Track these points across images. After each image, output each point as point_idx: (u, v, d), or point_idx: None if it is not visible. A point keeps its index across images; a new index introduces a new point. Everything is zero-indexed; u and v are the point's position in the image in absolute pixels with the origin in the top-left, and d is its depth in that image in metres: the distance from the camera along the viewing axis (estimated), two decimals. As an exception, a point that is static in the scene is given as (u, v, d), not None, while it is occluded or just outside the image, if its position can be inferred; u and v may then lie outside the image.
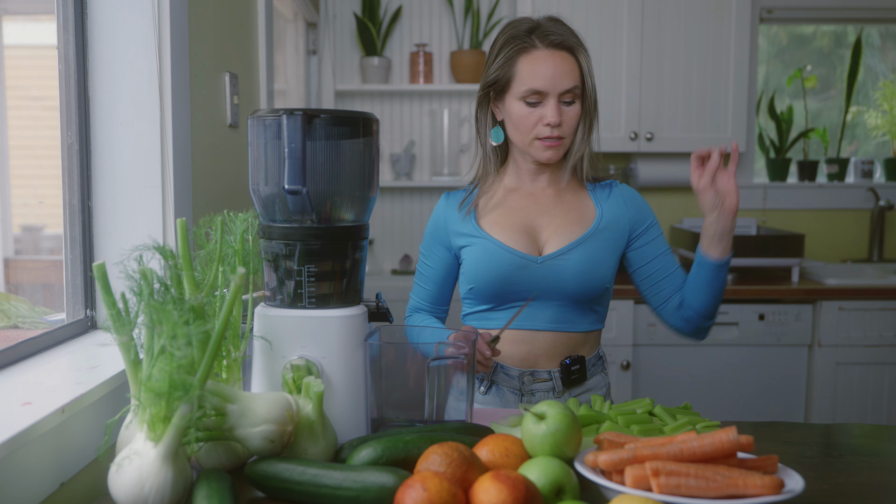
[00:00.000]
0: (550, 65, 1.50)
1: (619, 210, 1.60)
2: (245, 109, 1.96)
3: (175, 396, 0.92)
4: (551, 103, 1.51)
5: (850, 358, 2.99)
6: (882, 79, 3.69)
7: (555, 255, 1.54)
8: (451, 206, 1.64)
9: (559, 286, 1.54)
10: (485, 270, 1.55)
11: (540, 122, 1.52)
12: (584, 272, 1.54)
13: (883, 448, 1.29)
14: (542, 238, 1.58)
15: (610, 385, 1.69)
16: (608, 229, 1.58)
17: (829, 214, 3.61)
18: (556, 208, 1.60)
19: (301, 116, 1.12)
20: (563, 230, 1.57)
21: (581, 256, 1.54)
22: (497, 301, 1.58)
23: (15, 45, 1.88)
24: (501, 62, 1.54)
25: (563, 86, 1.50)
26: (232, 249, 1.18)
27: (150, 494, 0.91)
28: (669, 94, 3.22)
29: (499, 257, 1.55)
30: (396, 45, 3.58)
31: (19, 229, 1.96)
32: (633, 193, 1.64)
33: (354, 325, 1.18)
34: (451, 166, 3.53)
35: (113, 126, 1.43)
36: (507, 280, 1.54)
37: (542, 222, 1.59)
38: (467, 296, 1.62)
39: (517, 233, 1.57)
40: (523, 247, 1.56)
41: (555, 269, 1.54)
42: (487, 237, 1.57)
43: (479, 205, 1.62)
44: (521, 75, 1.52)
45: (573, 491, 0.96)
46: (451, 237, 1.62)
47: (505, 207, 1.61)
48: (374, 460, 1.02)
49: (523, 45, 1.52)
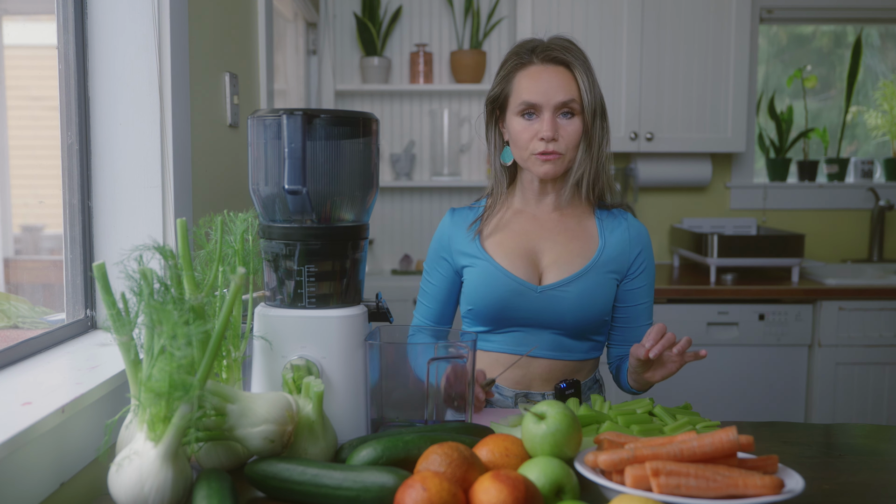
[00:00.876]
0: (544, 78, 1.51)
1: (623, 246, 1.58)
2: (245, 109, 1.96)
3: (175, 396, 0.92)
4: (546, 117, 1.50)
5: (850, 358, 2.99)
6: (882, 79, 3.69)
7: (553, 286, 1.53)
8: (456, 223, 1.63)
9: (557, 317, 1.53)
10: (484, 293, 1.55)
11: (536, 136, 1.51)
12: (582, 306, 1.53)
13: (883, 448, 1.29)
14: (543, 264, 1.57)
15: None
16: (609, 262, 1.56)
17: (829, 214, 3.61)
18: (559, 234, 1.58)
19: (301, 116, 1.12)
20: (564, 260, 1.55)
21: (580, 290, 1.53)
22: (495, 324, 1.57)
23: (15, 45, 1.88)
24: (500, 79, 1.57)
25: (556, 98, 1.50)
26: (232, 249, 1.18)
27: (150, 494, 0.91)
28: (669, 94, 3.22)
29: (498, 282, 1.54)
30: (396, 45, 3.58)
31: (19, 229, 1.96)
32: (641, 232, 1.60)
33: (354, 325, 1.18)
34: (451, 166, 3.53)
35: (113, 126, 1.43)
36: (505, 305, 1.54)
37: (544, 247, 1.57)
38: (467, 315, 1.62)
39: (518, 258, 1.56)
40: (523, 273, 1.54)
41: (553, 299, 1.53)
42: (489, 260, 1.56)
43: (485, 225, 1.61)
44: (517, 90, 1.53)
45: (573, 491, 0.96)
46: (455, 255, 1.61)
47: (509, 230, 1.60)
48: (374, 460, 1.02)
49: (521, 61, 1.54)
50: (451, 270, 1.62)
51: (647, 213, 3.60)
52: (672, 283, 3.06)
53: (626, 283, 1.59)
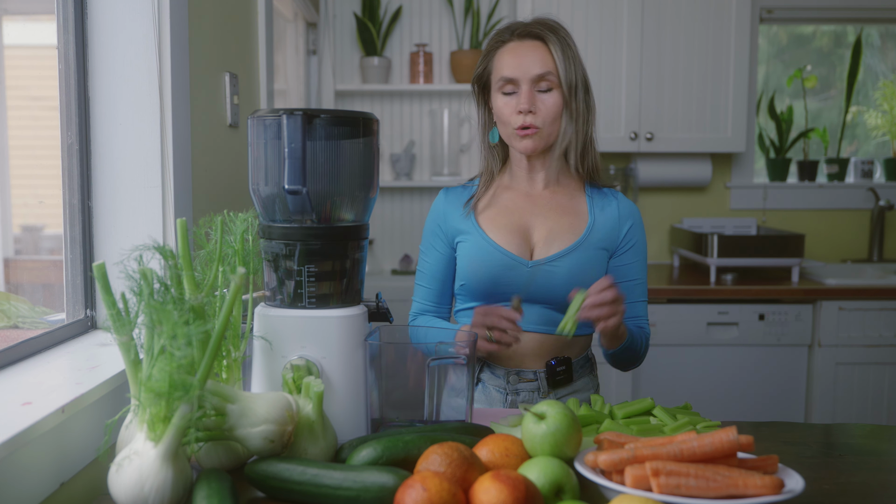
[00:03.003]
0: (520, 53, 1.55)
1: (613, 222, 1.60)
2: (245, 109, 1.96)
3: (175, 396, 0.92)
4: (523, 90, 1.54)
5: (850, 358, 2.99)
6: (882, 79, 3.69)
7: (544, 261, 1.56)
8: (450, 201, 1.66)
9: (548, 291, 1.56)
10: (476, 268, 1.57)
11: (515, 111, 1.55)
12: (572, 280, 1.54)
13: (883, 448, 1.29)
14: (534, 239, 1.60)
15: (599, 386, 1.70)
16: (599, 239, 1.59)
17: (829, 214, 3.61)
18: (550, 210, 1.61)
19: (301, 116, 1.12)
20: (555, 235, 1.58)
21: (570, 265, 1.55)
22: (487, 298, 1.59)
23: (15, 45, 1.88)
24: (482, 60, 1.62)
25: (532, 71, 1.53)
26: (232, 249, 1.18)
27: (150, 494, 0.91)
28: (669, 94, 3.22)
29: (490, 256, 1.57)
30: (396, 45, 3.58)
31: (19, 229, 1.96)
32: (631, 209, 1.63)
33: (354, 325, 1.18)
34: (451, 166, 3.53)
35: (113, 126, 1.42)
36: (497, 279, 1.56)
37: (536, 223, 1.61)
38: (459, 291, 1.64)
39: (510, 233, 1.59)
40: (515, 248, 1.57)
41: (544, 274, 1.55)
42: (482, 234, 1.59)
43: (479, 202, 1.64)
44: (497, 67, 1.58)
45: (573, 491, 0.96)
46: (450, 232, 1.64)
47: (501, 206, 1.63)
48: (374, 460, 1.02)
49: (500, 39, 1.59)
50: (447, 247, 1.64)
51: (647, 213, 3.60)
52: (672, 283, 3.06)
53: (616, 259, 1.61)
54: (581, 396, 1.62)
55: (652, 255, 3.63)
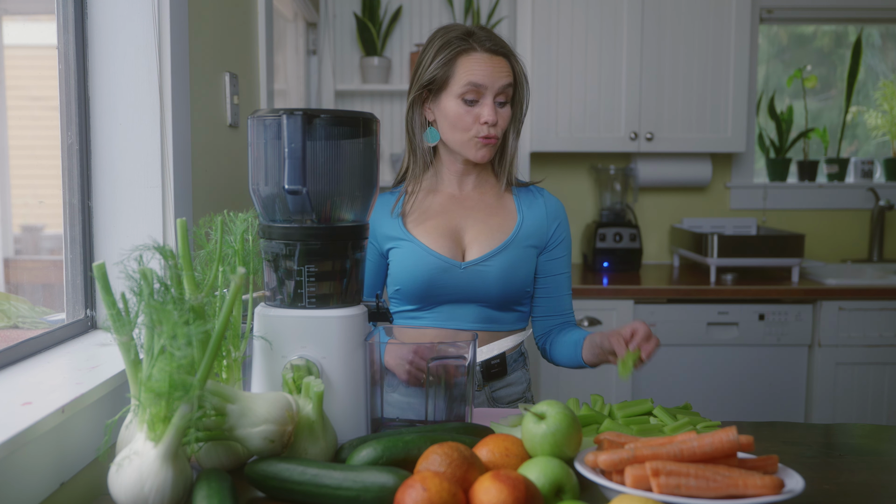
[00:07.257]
0: (490, 64, 1.57)
1: (541, 221, 1.67)
2: (245, 109, 1.96)
3: (175, 396, 0.92)
4: (488, 101, 1.57)
5: (850, 358, 2.99)
6: (882, 79, 3.70)
7: (476, 261, 1.60)
8: (376, 208, 1.67)
9: (482, 290, 1.60)
10: (410, 273, 1.60)
11: (477, 120, 1.58)
12: (504, 278, 1.59)
13: (883, 448, 1.29)
14: (465, 241, 1.63)
15: (531, 381, 1.74)
16: (528, 236, 1.64)
17: (829, 214, 3.61)
18: (480, 212, 1.65)
19: (301, 116, 1.12)
20: (485, 236, 1.62)
21: (502, 263, 1.60)
22: (423, 302, 1.62)
23: (15, 45, 1.88)
24: (440, 63, 1.59)
25: (501, 82, 1.57)
26: (232, 249, 1.18)
27: (150, 494, 0.91)
28: (669, 94, 3.22)
29: (424, 261, 1.59)
30: (396, 45, 3.58)
31: (19, 229, 1.96)
32: (557, 207, 1.70)
33: (354, 325, 1.18)
34: (451, 166, 3.53)
35: (113, 126, 1.43)
36: (432, 283, 1.59)
37: (466, 225, 1.64)
38: (394, 296, 1.66)
39: (442, 237, 1.62)
40: (447, 251, 1.60)
41: (477, 274, 1.59)
42: (413, 240, 1.61)
43: (406, 207, 1.66)
44: (460, 73, 1.57)
45: (573, 491, 0.96)
46: (380, 239, 1.65)
47: (431, 210, 1.66)
48: (374, 460, 1.02)
49: (462, 46, 1.58)
50: (377, 254, 1.66)
51: (647, 213, 3.60)
52: (672, 283, 3.06)
53: (546, 255, 1.68)
54: (515, 389, 1.68)
55: (652, 255, 3.63)
